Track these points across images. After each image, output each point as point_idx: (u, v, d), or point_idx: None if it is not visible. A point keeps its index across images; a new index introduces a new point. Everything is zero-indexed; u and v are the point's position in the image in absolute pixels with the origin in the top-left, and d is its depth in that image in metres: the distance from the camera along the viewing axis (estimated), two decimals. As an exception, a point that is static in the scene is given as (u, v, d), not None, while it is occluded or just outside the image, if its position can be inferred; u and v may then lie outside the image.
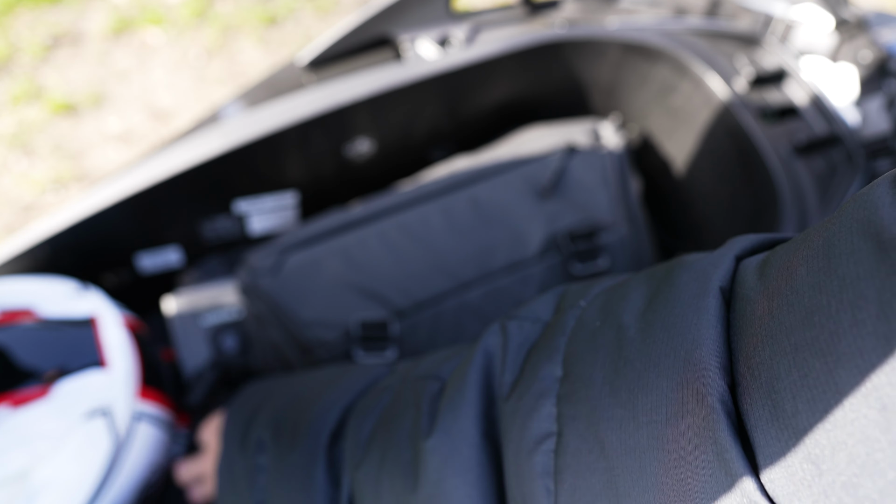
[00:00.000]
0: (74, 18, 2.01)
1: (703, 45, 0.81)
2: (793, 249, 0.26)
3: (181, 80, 1.92)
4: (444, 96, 0.84)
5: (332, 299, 0.70)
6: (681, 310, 0.29)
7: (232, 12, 2.09)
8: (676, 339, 0.28)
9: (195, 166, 0.74)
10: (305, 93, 0.77)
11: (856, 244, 0.22)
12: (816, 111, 0.75)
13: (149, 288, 0.92)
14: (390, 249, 0.72)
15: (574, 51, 0.83)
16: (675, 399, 0.27)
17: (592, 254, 0.71)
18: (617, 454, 0.29)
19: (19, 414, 0.60)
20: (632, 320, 0.31)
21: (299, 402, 0.52)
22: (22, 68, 1.88)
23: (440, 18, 0.83)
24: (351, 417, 0.46)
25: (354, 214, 0.76)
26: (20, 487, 0.58)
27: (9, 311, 0.66)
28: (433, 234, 0.72)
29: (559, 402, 0.32)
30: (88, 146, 1.76)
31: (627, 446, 0.28)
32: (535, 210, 0.73)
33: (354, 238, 0.73)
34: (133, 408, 0.67)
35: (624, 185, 0.76)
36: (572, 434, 0.31)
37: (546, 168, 0.76)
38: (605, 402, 0.30)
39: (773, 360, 0.24)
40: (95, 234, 0.79)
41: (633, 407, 0.29)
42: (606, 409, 0.30)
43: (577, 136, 0.80)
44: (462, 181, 0.77)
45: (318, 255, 0.72)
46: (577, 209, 0.74)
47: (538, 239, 0.72)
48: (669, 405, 0.27)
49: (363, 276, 0.70)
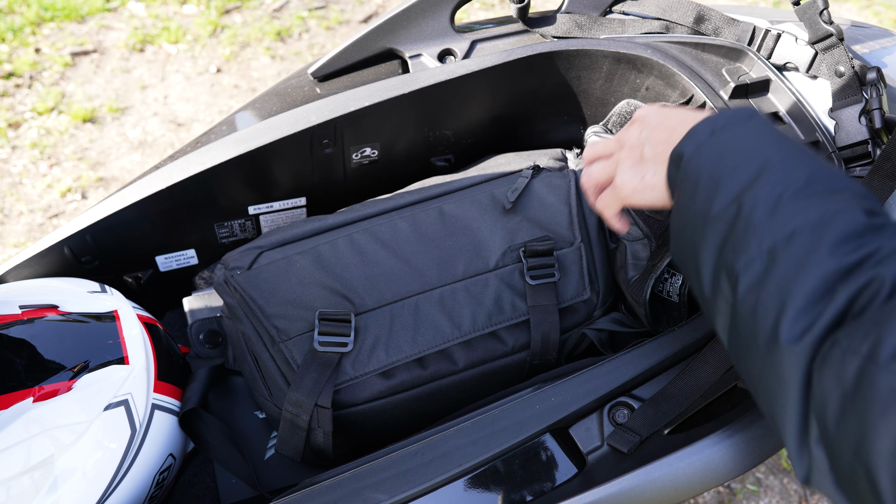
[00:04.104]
0: (96, 33, 2.08)
1: (690, 56, 0.84)
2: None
3: (197, 91, 1.97)
4: (444, 106, 0.87)
5: (300, 294, 0.74)
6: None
7: (246, 27, 2.15)
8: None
9: (210, 172, 0.78)
10: (314, 103, 0.81)
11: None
12: (797, 119, 0.78)
13: (167, 289, 0.96)
14: (358, 252, 0.76)
15: (568, 62, 0.86)
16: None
17: (545, 268, 0.75)
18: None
19: (44, 406, 0.63)
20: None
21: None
22: (47, 80, 1.95)
23: (442, 33, 0.87)
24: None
25: (328, 221, 0.80)
26: (44, 474, 0.61)
27: (34, 308, 0.70)
28: (400, 241, 0.77)
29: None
30: (110, 154, 1.82)
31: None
32: (497, 224, 0.78)
33: (325, 241, 0.77)
34: (150, 399, 0.70)
35: (584, 204, 0.81)
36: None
37: (511, 186, 0.80)
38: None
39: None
40: (116, 237, 0.83)
41: None
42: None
43: (543, 161, 0.85)
44: (432, 195, 0.82)
45: (289, 254, 0.76)
46: (536, 226, 0.78)
47: (498, 250, 0.76)
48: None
49: (330, 275, 0.75)
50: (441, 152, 0.96)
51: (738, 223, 0.44)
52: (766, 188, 0.44)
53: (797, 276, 0.40)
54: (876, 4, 2.45)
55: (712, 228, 0.46)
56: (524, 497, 0.61)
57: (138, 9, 2.16)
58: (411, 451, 0.60)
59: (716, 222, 0.46)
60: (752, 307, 0.42)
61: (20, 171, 1.76)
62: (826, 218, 0.41)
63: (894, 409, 0.32)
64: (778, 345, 0.39)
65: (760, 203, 0.44)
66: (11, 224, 1.67)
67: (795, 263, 0.41)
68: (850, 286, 0.38)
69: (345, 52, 0.86)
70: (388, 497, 0.57)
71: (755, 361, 0.42)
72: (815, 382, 0.37)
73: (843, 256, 0.39)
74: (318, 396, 0.69)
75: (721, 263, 0.45)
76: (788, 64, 0.82)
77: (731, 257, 0.44)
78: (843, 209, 0.42)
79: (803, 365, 0.38)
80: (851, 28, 0.86)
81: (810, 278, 0.39)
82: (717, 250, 0.45)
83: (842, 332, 0.37)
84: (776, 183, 0.44)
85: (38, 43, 2.03)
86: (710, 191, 0.47)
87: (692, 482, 0.60)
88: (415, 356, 0.72)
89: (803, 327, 0.39)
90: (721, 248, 0.45)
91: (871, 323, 0.36)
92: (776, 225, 0.42)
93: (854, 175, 0.72)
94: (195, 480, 0.86)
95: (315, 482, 0.61)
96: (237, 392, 0.87)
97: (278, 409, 0.73)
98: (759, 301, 0.41)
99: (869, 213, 0.41)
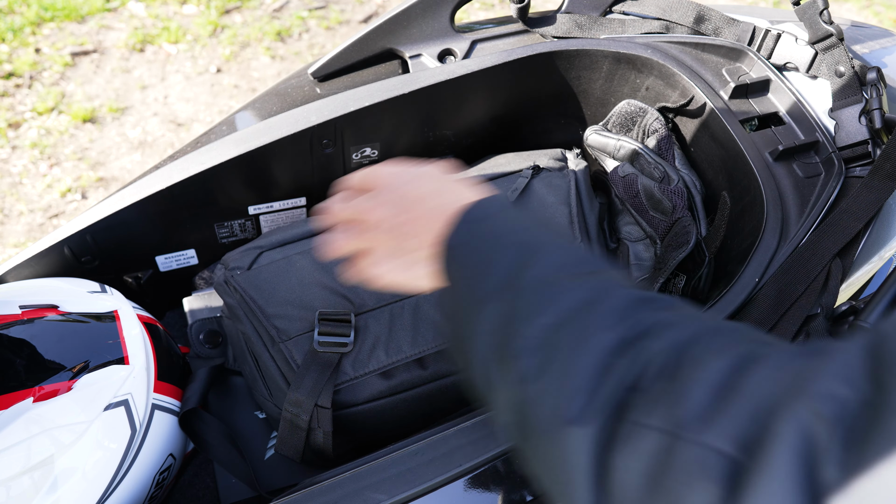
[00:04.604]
0: (96, 33, 2.08)
1: (691, 56, 0.84)
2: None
3: (197, 91, 1.97)
4: (444, 106, 0.87)
5: (300, 294, 0.74)
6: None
7: (246, 27, 2.15)
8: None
9: (210, 172, 0.78)
10: (314, 103, 0.81)
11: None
12: (797, 119, 0.79)
13: (167, 289, 0.96)
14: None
15: (568, 62, 0.86)
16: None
17: None
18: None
19: (44, 406, 0.63)
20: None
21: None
22: (47, 80, 1.95)
23: (442, 33, 0.87)
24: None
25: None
26: (44, 474, 0.61)
27: (34, 308, 0.70)
28: None
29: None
30: (110, 154, 1.82)
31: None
32: None
33: (325, 241, 0.77)
34: (150, 399, 0.70)
35: (584, 204, 0.81)
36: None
37: (511, 186, 0.80)
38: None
39: None
40: (116, 237, 0.83)
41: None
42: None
43: (543, 161, 0.85)
44: None
45: (289, 254, 0.77)
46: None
47: None
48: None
49: (330, 275, 0.75)
50: (441, 152, 0.96)
51: (511, 308, 0.42)
52: (537, 272, 0.43)
53: (575, 355, 0.38)
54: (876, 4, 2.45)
55: (486, 312, 0.44)
56: (524, 497, 0.61)
57: (138, 9, 2.16)
58: (411, 451, 0.59)
59: (489, 306, 0.44)
60: (533, 391, 0.39)
61: (20, 171, 1.76)
62: (597, 295, 0.40)
63: (698, 479, 0.31)
64: (561, 428, 0.37)
65: (532, 287, 0.42)
66: (11, 224, 1.66)
67: (572, 343, 0.39)
68: (628, 360, 0.37)
69: (345, 52, 0.87)
70: (388, 497, 0.57)
71: (539, 448, 0.39)
72: (613, 465, 0.34)
73: (617, 331, 0.38)
74: (318, 396, 0.69)
75: (497, 348, 0.42)
76: (788, 64, 0.82)
77: (508, 341, 0.41)
78: (611, 286, 0.41)
79: (590, 447, 0.35)
80: (851, 28, 0.87)
81: (588, 356, 0.38)
82: (491, 334, 0.43)
83: (632, 409, 0.35)
84: (546, 266, 0.43)
85: (38, 43, 2.03)
86: (478, 280, 0.45)
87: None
88: (415, 356, 0.72)
89: (582, 405, 0.36)
90: (496, 332, 0.43)
91: (661, 395, 0.34)
92: (549, 307, 0.41)
93: (854, 175, 0.72)
94: (195, 480, 0.86)
95: (315, 482, 0.61)
96: (237, 392, 0.87)
97: (278, 409, 0.73)
98: (539, 384, 0.39)
99: (633, 289, 0.41)
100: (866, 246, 0.66)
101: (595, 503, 0.35)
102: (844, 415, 0.28)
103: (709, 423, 0.32)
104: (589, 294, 0.41)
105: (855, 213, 0.67)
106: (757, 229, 0.72)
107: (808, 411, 0.29)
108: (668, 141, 0.81)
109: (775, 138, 0.78)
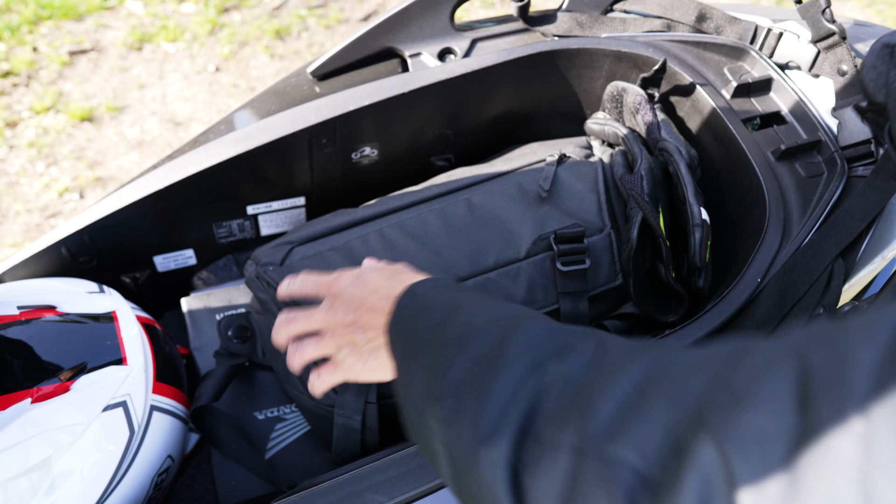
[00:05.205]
0: (94, 32, 2.07)
1: (692, 55, 0.84)
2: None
3: (196, 90, 1.97)
4: (444, 105, 0.87)
5: None
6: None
7: (244, 26, 2.14)
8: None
9: (209, 172, 0.77)
10: (313, 102, 0.80)
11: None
12: (799, 119, 0.78)
13: (165, 289, 0.96)
14: (388, 246, 0.76)
15: (569, 61, 0.86)
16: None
17: (576, 254, 0.75)
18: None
19: (42, 407, 0.63)
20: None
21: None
22: (44, 79, 1.94)
23: (442, 31, 0.86)
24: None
25: (356, 215, 0.80)
26: (42, 476, 0.61)
27: (32, 308, 0.69)
28: (430, 234, 0.77)
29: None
30: (107, 153, 1.81)
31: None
32: (526, 213, 0.77)
33: (355, 235, 0.77)
34: (149, 401, 0.70)
35: (611, 192, 0.80)
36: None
37: (538, 176, 0.80)
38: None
39: None
40: (114, 237, 0.82)
41: None
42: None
43: (569, 149, 0.84)
44: (459, 186, 0.82)
45: (320, 250, 0.76)
46: (565, 214, 0.78)
47: (528, 239, 0.76)
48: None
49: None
50: (441, 152, 0.96)
51: (437, 356, 0.45)
52: (458, 322, 0.46)
53: (487, 385, 0.40)
54: (878, 3, 2.45)
55: (415, 369, 0.47)
56: (525, 499, 0.60)
57: (136, 7, 2.15)
58: (411, 452, 0.59)
59: (418, 361, 0.46)
60: (453, 425, 0.41)
61: (17, 171, 1.75)
62: (506, 332, 0.43)
63: (606, 495, 0.31)
64: (476, 455, 0.38)
65: (451, 336, 0.45)
66: (9, 224, 1.66)
67: (483, 376, 0.41)
68: (535, 380, 0.38)
69: (344, 50, 0.86)
70: (388, 499, 0.56)
71: (466, 485, 0.40)
72: (526, 486, 0.35)
73: (525, 360, 0.40)
74: (367, 393, 0.69)
75: (426, 395, 0.45)
76: (790, 63, 0.81)
77: (432, 384, 0.44)
78: (522, 324, 0.43)
79: (503, 468, 0.36)
80: (854, 27, 0.86)
81: (498, 384, 0.39)
82: (423, 387, 0.45)
83: (540, 426, 0.36)
84: (465, 316, 0.46)
85: (35, 42, 2.02)
86: (412, 343, 0.49)
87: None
88: None
89: (492, 428, 0.38)
90: (425, 384, 0.45)
91: (571, 411, 0.35)
92: (467, 348, 0.43)
93: (857, 175, 0.71)
94: (193, 482, 0.86)
95: (314, 484, 0.60)
96: (236, 394, 0.87)
97: (312, 401, 0.73)
98: (458, 417, 0.41)
99: (545, 322, 0.43)
100: (869, 246, 0.66)
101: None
102: (763, 449, 0.26)
103: (615, 435, 0.32)
104: (501, 332, 0.43)
105: (858, 213, 0.66)
106: (759, 229, 0.71)
107: (724, 436, 0.28)
108: (651, 115, 0.80)
109: (777, 137, 0.77)
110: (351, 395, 0.69)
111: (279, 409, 0.87)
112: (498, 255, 0.76)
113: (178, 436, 0.76)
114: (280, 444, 0.85)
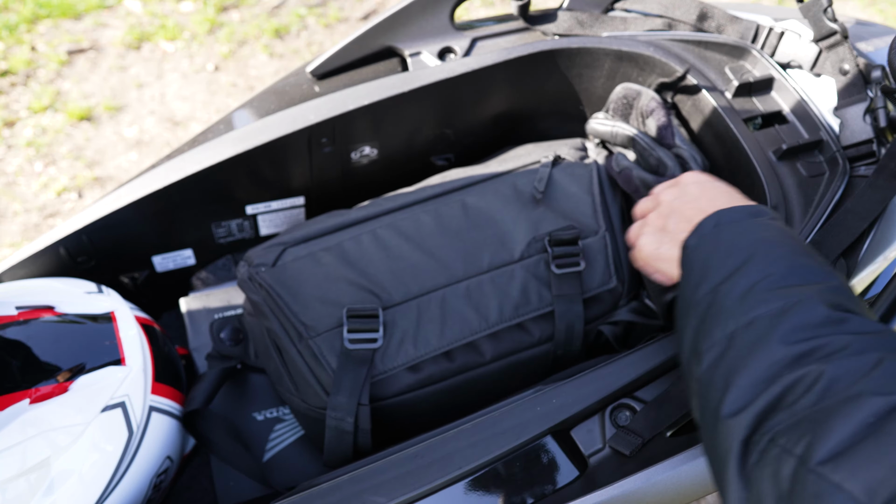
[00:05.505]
0: (92, 30, 2.07)
1: (693, 54, 0.83)
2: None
3: (195, 89, 1.96)
4: (444, 104, 0.87)
5: (326, 290, 0.73)
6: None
7: (243, 25, 2.14)
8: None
9: (208, 172, 0.77)
10: (313, 101, 0.80)
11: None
12: (801, 118, 0.78)
13: (164, 289, 0.95)
14: (383, 247, 0.76)
15: (569, 60, 0.85)
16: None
17: (570, 256, 0.75)
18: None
19: (41, 408, 0.63)
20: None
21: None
22: (42, 78, 1.94)
23: (442, 30, 0.86)
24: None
25: (350, 216, 0.80)
26: (41, 477, 0.61)
27: (31, 309, 0.69)
28: (424, 235, 0.76)
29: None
30: (106, 153, 1.81)
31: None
32: (521, 215, 0.77)
33: (349, 236, 0.77)
34: (148, 401, 0.70)
35: (606, 194, 0.80)
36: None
37: (533, 177, 0.80)
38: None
39: None
40: (112, 237, 0.82)
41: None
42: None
43: (564, 151, 0.84)
44: (453, 187, 0.81)
45: (313, 250, 0.76)
46: (560, 216, 0.78)
47: (522, 241, 0.76)
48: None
49: (356, 270, 0.74)
50: (441, 151, 0.96)
51: (711, 310, 0.48)
52: (743, 280, 0.48)
53: (746, 359, 0.43)
54: (880, 2, 2.45)
55: (693, 313, 0.50)
56: (525, 500, 0.60)
57: (135, 6, 2.14)
58: (410, 453, 0.59)
59: (696, 308, 0.50)
60: (706, 385, 0.45)
61: (15, 171, 1.75)
62: (786, 308, 0.44)
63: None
64: (719, 419, 0.42)
65: (733, 293, 0.48)
66: (7, 224, 1.66)
67: (747, 347, 0.43)
68: (792, 375, 0.40)
69: (344, 49, 0.86)
70: (388, 500, 0.56)
71: (707, 434, 0.45)
72: (753, 468, 0.38)
73: (791, 346, 0.41)
74: (360, 395, 0.69)
75: (694, 345, 0.49)
76: (792, 62, 0.81)
77: (700, 339, 0.48)
78: (805, 301, 0.44)
79: (738, 445, 0.40)
80: (856, 26, 0.86)
81: (757, 362, 0.42)
82: (693, 333, 0.50)
83: (779, 431, 0.38)
84: (752, 275, 0.48)
85: (33, 41, 2.02)
86: (698, 280, 0.52)
87: (695, 485, 0.59)
88: (442, 349, 0.72)
89: (741, 406, 0.41)
90: (695, 332, 0.49)
91: (808, 423, 0.37)
92: (740, 313, 0.46)
93: (859, 174, 0.71)
94: (192, 483, 0.86)
95: (313, 485, 0.60)
96: (235, 395, 0.87)
97: (305, 403, 0.73)
98: (712, 380, 0.45)
99: (833, 307, 0.43)
100: (871, 246, 0.66)
101: (741, 497, 0.39)
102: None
103: (843, 462, 0.34)
104: (778, 307, 0.44)
105: (859, 213, 0.66)
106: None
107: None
108: (666, 119, 0.80)
109: (779, 137, 0.77)
110: (343, 396, 0.68)
111: (278, 410, 0.87)
112: (492, 256, 0.75)
113: (177, 436, 0.75)
114: (279, 445, 0.85)
